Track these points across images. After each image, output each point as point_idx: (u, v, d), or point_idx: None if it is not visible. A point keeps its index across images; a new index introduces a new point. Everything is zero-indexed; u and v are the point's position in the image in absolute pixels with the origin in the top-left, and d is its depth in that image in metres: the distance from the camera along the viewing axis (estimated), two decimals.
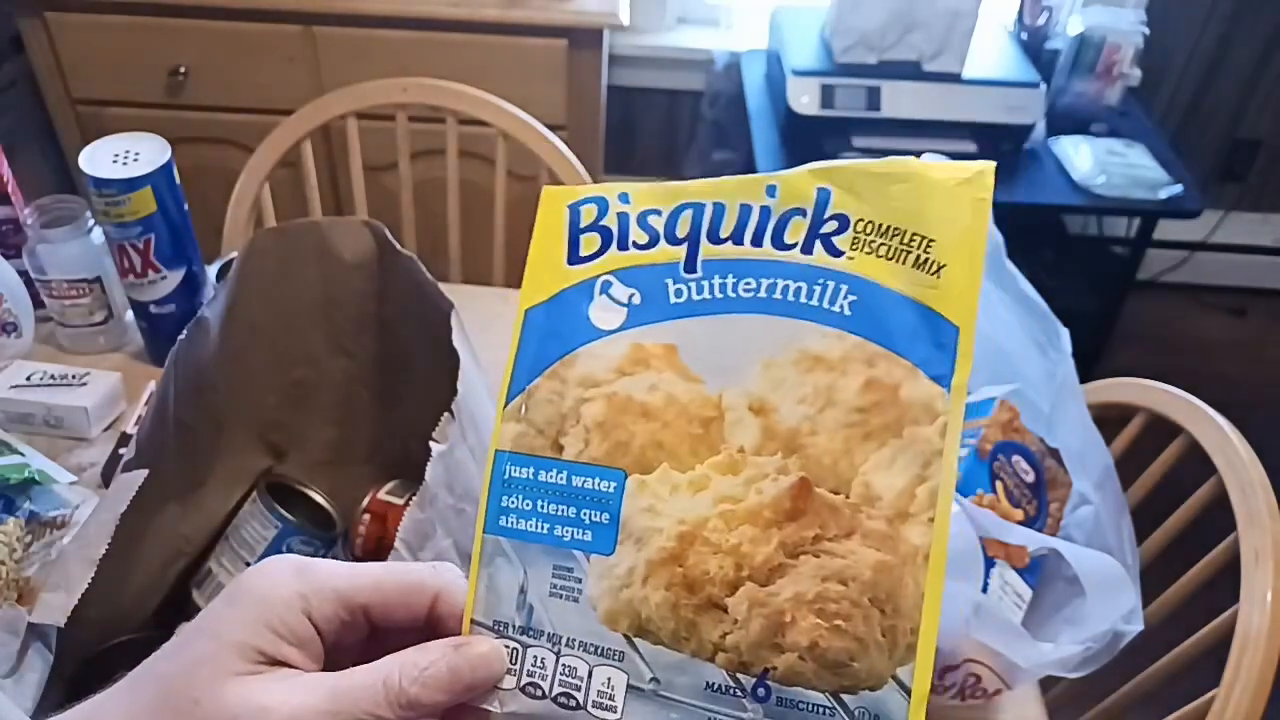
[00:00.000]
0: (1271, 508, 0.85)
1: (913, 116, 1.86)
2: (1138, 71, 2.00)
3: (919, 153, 0.37)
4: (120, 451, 0.89)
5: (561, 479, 0.36)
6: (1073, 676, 0.71)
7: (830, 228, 0.35)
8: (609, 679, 0.34)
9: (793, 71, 1.87)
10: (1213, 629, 0.87)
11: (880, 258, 0.35)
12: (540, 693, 0.35)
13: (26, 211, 1.00)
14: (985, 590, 0.76)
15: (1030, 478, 0.84)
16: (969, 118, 1.87)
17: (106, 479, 0.90)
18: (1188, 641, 0.90)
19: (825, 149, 1.87)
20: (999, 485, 0.81)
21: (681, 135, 2.42)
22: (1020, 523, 0.78)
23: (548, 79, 1.88)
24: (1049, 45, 2.07)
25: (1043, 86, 1.87)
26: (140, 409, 0.99)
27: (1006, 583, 0.78)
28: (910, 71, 1.86)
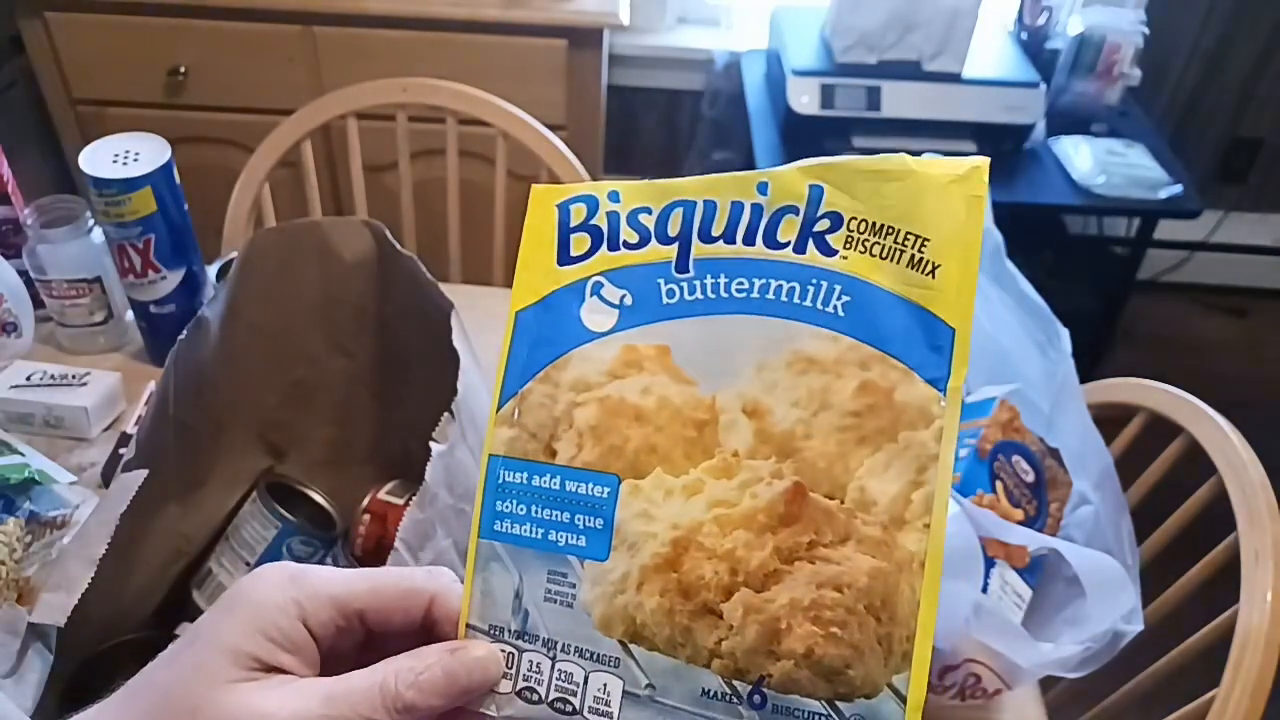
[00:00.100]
0: (1271, 508, 0.85)
1: (913, 116, 1.86)
2: (1138, 71, 2.00)
3: (919, 153, 0.37)
4: (120, 451, 0.89)
5: (555, 484, 0.36)
6: (1073, 676, 0.71)
7: (823, 226, 0.35)
8: (605, 685, 0.34)
9: (793, 71, 1.86)
10: (1213, 629, 0.87)
11: (874, 257, 0.34)
12: (536, 698, 0.35)
13: (26, 211, 1.00)
14: (985, 590, 0.75)
15: (1030, 478, 0.84)
16: (969, 118, 1.86)
17: (106, 479, 0.90)
18: (1188, 641, 0.90)
19: (825, 149, 1.87)
20: (999, 485, 0.81)
21: (681, 135, 2.42)
22: (1020, 523, 0.78)
23: (548, 79, 1.88)
24: (1049, 45, 2.07)
25: (1043, 86, 1.87)
26: (140, 409, 0.99)
27: (1006, 583, 0.78)
28: (910, 71, 1.86)
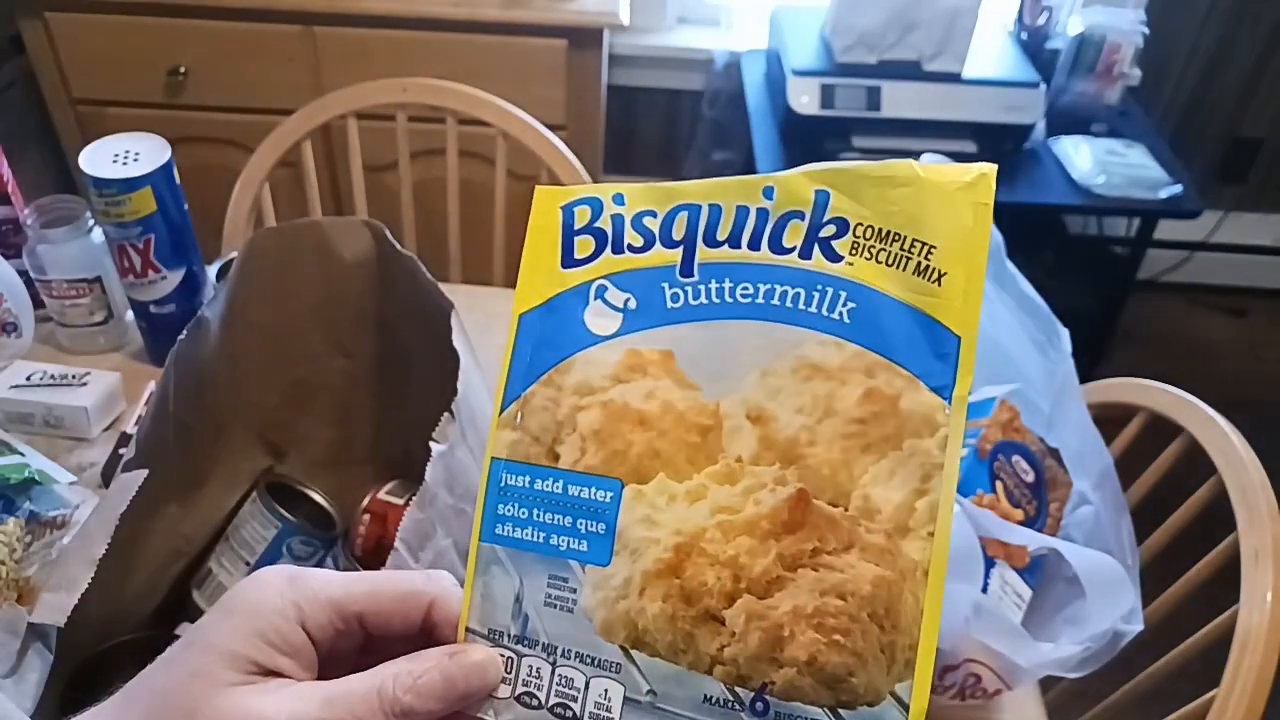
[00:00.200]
0: (1271, 508, 0.85)
1: (913, 116, 1.86)
2: (1138, 71, 2.00)
3: (919, 153, 0.37)
4: (120, 451, 0.88)
5: (557, 488, 0.36)
6: (1073, 676, 0.71)
7: (829, 231, 0.34)
8: (606, 690, 0.34)
9: (793, 71, 1.86)
10: (1213, 629, 0.87)
11: (880, 264, 0.34)
12: (536, 703, 0.35)
13: (26, 211, 1.00)
14: (985, 590, 0.76)
15: (1030, 478, 0.84)
16: (969, 118, 1.86)
17: (106, 479, 0.90)
18: (1188, 641, 0.90)
19: (825, 149, 1.87)
20: (999, 485, 0.81)
21: (681, 135, 2.42)
22: (1020, 523, 0.78)
23: (548, 79, 1.88)
24: (1049, 45, 2.07)
25: (1043, 86, 1.87)
26: (140, 409, 0.99)
27: (1006, 583, 0.78)
28: (910, 71, 1.86)
